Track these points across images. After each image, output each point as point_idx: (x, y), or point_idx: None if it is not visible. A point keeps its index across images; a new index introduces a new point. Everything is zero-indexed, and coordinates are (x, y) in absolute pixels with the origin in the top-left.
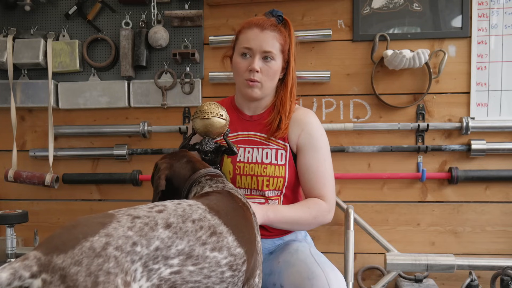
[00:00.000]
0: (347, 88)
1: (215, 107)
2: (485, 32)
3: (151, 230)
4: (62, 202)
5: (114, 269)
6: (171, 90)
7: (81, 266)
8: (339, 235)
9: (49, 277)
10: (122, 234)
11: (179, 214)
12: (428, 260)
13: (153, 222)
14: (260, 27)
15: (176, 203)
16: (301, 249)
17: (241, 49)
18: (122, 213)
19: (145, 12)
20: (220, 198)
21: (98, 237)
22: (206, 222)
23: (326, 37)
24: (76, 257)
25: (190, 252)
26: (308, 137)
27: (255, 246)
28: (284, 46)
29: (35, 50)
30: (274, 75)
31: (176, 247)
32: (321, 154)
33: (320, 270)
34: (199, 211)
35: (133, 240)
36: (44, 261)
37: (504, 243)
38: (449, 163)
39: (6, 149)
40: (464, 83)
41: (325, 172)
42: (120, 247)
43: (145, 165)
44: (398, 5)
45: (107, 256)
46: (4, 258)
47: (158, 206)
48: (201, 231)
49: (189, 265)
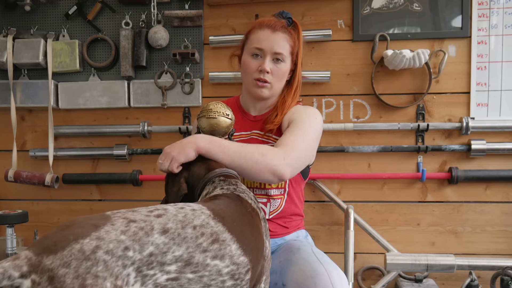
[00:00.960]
0: (347, 88)
1: (221, 106)
2: (485, 32)
3: (145, 235)
4: (62, 202)
5: (102, 272)
6: (171, 90)
7: (69, 268)
8: (339, 235)
9: (38, 278)
10: (114, 238)
11: (179, 220)
12: (428, 260)
13: (149, 227)
14: (271, 28)
15: (179, 207)
16: (303, 248)
17: (252, 49)
18: (118, 216)
19: (145, 12)
20: (228, 203)
21: (89, 239)
22: (209, 229)
23: (326, 37)
24: (65, 258)
25: (189, 259)
26: (297, 116)
27: (262, 253)
28: (294, 48)
29: (35, 50)
30: (283, 76)
31: (172, 253)
32: (302, 124)
33: (323, 269)
34: (202, 217)
35: (125, 244)
36: (35, 261)
37: (504, 243)
38: (449, 163)
39: (6, 149)
40: (464, 83)
41: (297, 134)
42: (111, 251)
43: (145, 165)
44: (398, 5)
45: (96, 259)
46: (4, 258)
47: (158, 210)
48: (202, 238)
49: (188, 273)
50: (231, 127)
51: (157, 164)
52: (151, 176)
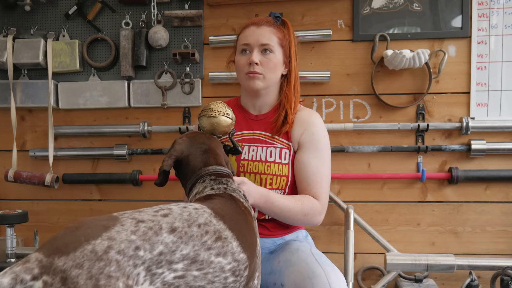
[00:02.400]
0: (347, 88)
1: (222, 106)
2: (485, 32)
3: (155, 235)
4: (62, 202)
5: (115, 272)
6: (171, 90)
7: (82, 269)
8: (339, 235)
9: (50, 279)
10: (125, 238)
11: (184, 219)
12: (428, 260)
13: (158, 227)
14: (256, 24)
15: (182, 206)
16: (302, 249)
17: (240, 46)
18: (127, 217)
19: (145, 12)
20: (224, 202)
21: (100, 240)
22: (212, 227)
23: (326, 37)
24: (77, 259)
25: (195, 257)
26: (311, 136)
27: (255, 250)
28: (283, 40)
29: (35, 50)
30: (274, 67)
31: (180, 251)
32: (321, 154)
33: (321, 270)
34: (205, 215)
35: (136, 244)
36: (46, 263)
37: (504, 243)
38: (449, 163)
39: (6, 149)
40: (464, 83)
41: (324, 173)
42: (123, 251)
43: (145, 165)
44: (398, 5)
45: (108, 259)
46: (4, 258)
47: (163, 209)
48: (207, 236)
49: (194, 270)
50: (232, 126)
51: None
52: (151, 176)
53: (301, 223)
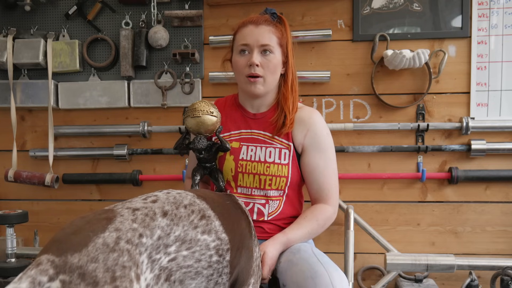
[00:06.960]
0: (347, 88)
1: (205, 105)
2: (485, 32)
3: (151, 220)
4: (62, 202)
5: (128, 262)
6: (171, 90)
7: (98, 262)
8: (339, 235)
9: (68, 277)
10: (129, 227)
11: (171, 202)
12: (428, 260)
13: (152, 212)
14: (254, 23)
15: (165, 192)
16: (304, 249)
17: (239, 46)
18: (121, 207)
19: (145, 12)
20: (207, 190)
21: (108, 232)
22: (196, 206)
23: (326, 37)
24: (91, 254)
25: (184, 236)
26: (314, 137)
27: (242, 242)
28: (282, 39)
29: (35, 50)
30: (274, 68)
31: (174, 233)
32: (327, 154)
33: (323, 269)
34: (188, 197)
35: (139, 232)
36: (59, 262)
37: (504, 243)
38: (449, 163)
39: (6, 149)
40: (464, 83)
41: (332, 172)
42: (130, 240)
43: (145, 165)
44: (398, 5)
45: (120, 250)
46: (4, 258)
47: (150, 196)
48: (193, 215)
49: (183, 250)
50: (217, 124)
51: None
52: (151, 176)
53: (322, 231)
